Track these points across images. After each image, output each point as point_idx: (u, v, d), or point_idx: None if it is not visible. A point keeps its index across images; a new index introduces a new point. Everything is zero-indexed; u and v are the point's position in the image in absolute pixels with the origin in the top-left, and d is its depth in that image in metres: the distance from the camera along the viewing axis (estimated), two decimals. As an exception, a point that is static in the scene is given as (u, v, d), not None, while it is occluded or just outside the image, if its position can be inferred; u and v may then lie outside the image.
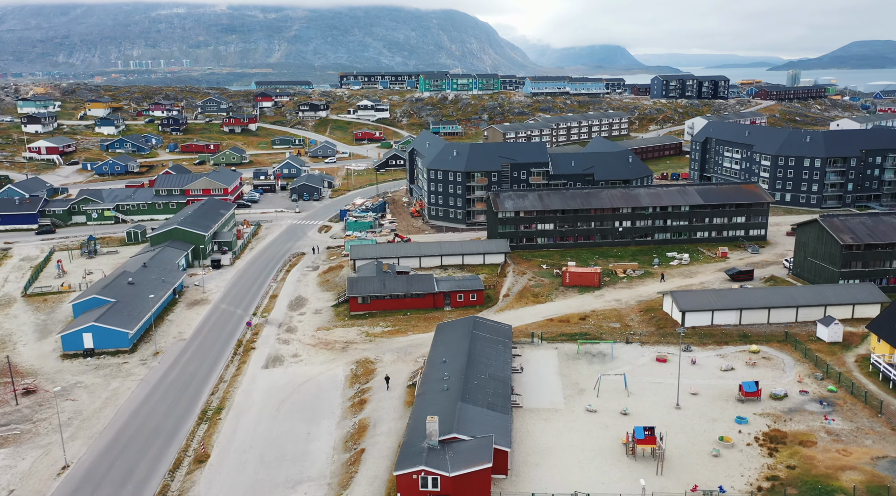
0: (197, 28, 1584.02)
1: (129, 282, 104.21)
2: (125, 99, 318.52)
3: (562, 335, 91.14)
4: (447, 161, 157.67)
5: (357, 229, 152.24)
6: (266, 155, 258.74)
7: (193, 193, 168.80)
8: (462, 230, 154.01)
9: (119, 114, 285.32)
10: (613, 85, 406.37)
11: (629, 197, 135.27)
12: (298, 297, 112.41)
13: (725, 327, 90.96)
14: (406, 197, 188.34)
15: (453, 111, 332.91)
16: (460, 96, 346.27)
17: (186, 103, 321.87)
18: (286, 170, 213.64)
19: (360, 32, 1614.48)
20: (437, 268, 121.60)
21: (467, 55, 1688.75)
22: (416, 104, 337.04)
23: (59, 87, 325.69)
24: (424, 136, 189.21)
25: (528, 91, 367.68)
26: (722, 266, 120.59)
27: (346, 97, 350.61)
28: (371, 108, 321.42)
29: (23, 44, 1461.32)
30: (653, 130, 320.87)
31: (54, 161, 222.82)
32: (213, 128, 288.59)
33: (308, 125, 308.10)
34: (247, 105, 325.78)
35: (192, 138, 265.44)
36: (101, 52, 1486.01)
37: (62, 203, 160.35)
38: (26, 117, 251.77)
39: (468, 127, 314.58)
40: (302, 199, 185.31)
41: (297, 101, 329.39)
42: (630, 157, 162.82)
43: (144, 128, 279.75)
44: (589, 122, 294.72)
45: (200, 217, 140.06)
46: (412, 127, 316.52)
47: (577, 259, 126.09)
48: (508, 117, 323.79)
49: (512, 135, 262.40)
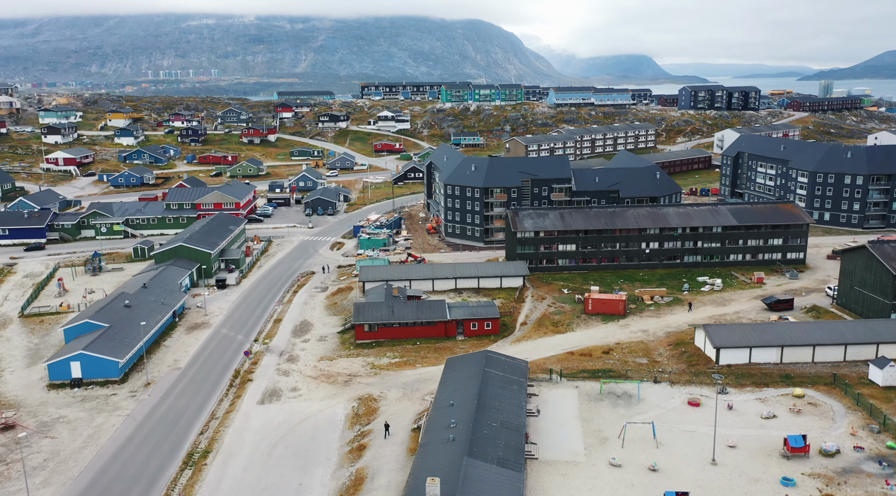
0: (225, 38, 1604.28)
1: (126, 305, 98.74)
2: (146, 109, 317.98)
3: (583, 371, 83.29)
4: (465, 176, 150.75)
5: (370, 247, 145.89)
6: (284, 166, 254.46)
7: (205, 207, 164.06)
8: (480, 249, 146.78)
9: (139, 124, 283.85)
10: (640, 96, 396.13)
11: (657, 216, 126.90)
12: (303, 322, 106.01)
13: (765, 366, 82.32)
14: (423, 212, 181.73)
15: (475, 122, 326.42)
16: (482, 107, 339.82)
17: (207, 114, 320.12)
18: (302, 182, 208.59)
19: (385, 42, 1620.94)
20: (451, 292, 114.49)
21: (492, 65, 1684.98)
22: (437, 115, 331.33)
23: (81, 97, 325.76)
24: (443, 150, 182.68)
25: (551, 102, 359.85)
26: (758, 293, 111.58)
27: (366, 108, 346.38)
28: (391, 119, 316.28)
29: (58, 54, 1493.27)
30: (680, 143, 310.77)
31: (71, 172, 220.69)
32: (233, 138, 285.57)
33: (327, 136, 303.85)
34: (267, 116, 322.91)
35: (211, 149, 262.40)
36: (133, 63, 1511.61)
37: (71, 217, 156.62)
38: (46, 128, 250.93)
39: (490, 138, 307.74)
40: (316, 214, 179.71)
41: (317, 112, 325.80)
42: (657, 172, 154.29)
43: (164, 138, 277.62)
44: (614, 135, 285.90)
45: (208, 233, 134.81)
46: (433, 138, 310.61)
47: (600, 283, 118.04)
48: (531, 129, 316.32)
49: (534, 147, 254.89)
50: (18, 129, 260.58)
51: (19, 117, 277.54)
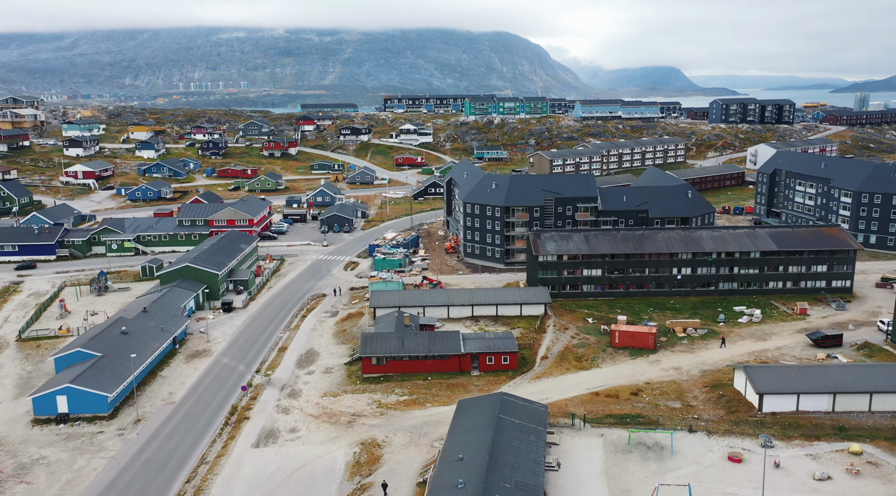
0: (255, 51, 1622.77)
1: (123, 332, 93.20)
2: (169, 122, 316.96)
3: (609, 417, 75.23)
4: (485, 194, 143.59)
5: (385, 268, 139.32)
6: (303, 180, 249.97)
7: (218, 224, 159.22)
8: (500, 271, 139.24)
9: (160, 137, 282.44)
10: (669, 109, 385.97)
11: (689, 240, 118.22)
12: (309, 351, 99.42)
13: (815, 415, 73.39)
14: (442, 230, 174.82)
15: (499, 136, 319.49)
16: (506, 120, 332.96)
17: (229, 126, 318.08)
18: (319, 198, 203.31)
19: (412, 55, 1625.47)
20: (467, 320, 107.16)
21: (518, 77, 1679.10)
22: (460, 128, 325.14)
23: (105, 110, 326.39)
24: (462, 165, 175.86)
25: (577, 115, 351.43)
26: (801, 326, 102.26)
27: (389, 121, 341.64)
28: (414, 132, 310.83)
29: (93, 67, 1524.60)
30: (711, 157, 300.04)
31: (90, 186, 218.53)
32: (253, 152, 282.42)
33: (349, 149, 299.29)
34: (289, 128, 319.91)
35: (231, 162, 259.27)
36: (165, 75, 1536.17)
37: (82, 233, 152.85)
38: (68, 141, 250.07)
39: (513, 152, 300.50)
40: (332, 231, 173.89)
41: (338, 125, 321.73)
42: (689, 191, 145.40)
43: (185, 151, 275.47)
44: (642, 149, 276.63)
45: (216, 253, 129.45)
46: (455, 152, 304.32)
47: (628, 311, 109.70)
48: (556, 143, 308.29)
49: (559, 162, 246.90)
50: (41, 141, 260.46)
51: (43, 130, 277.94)
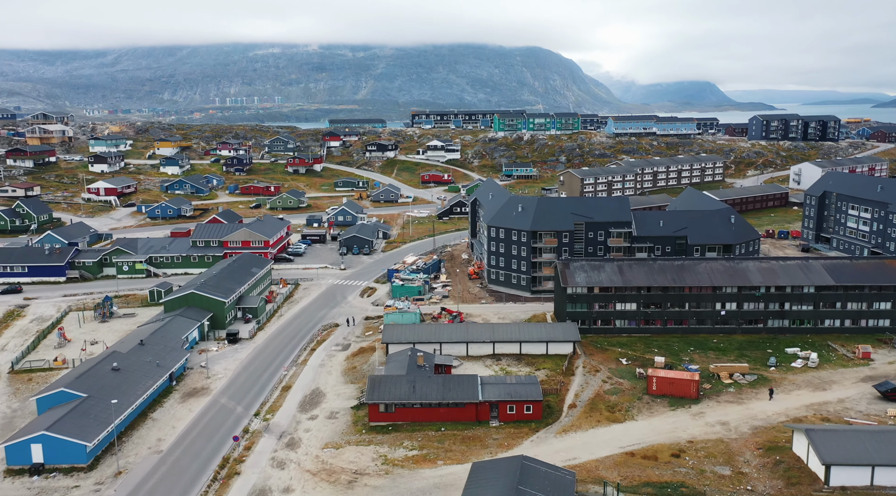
0: (290, 66, 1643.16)
1: (114, 369, 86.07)
2: (195, 138, 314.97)
3: (647, 485, 65.03)
4: (511, 217, 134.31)
5: (403, 295, 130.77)
6: (326, 198, 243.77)
7: (232, 245, 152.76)
8: (526, 299, 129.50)
9: (185, 153, 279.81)
10: (706, 125, 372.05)
11: (734, 272, 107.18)
12: (315, 391, 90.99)
13: (894, 492, 62.03)
14: (466, 252, 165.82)
15: (528, 152, 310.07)
16: (536, 136, 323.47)
17: (255, 142, 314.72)
18: (341, 217, 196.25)
19: (444, 70, 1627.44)
20: (488, 358, 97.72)
21: (550, 92, 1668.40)
22: (488, 144, 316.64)
23: (133, 125, 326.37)
24: (488, 185, 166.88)
25: (610, 131, 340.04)
26: (866, 374, 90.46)
27: (416, 137, 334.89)
28: (441, 149, 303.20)
29: (133, 83, 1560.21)
30: (752, 176, 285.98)
31: (111, 203, 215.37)
32: (278, 168, 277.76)
33: (375, 166, 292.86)
34: (315, 144, 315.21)
35: (254, 179, 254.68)
36: (202, 90, 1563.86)
37: (93, 254, 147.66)
38: (93, 157, 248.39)
39: (543, 170, 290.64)
40: (351, 253, 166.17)
41: (365, 141, 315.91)
42: (732, 216, 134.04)
43: (209, 168, 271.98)
44: (678, 167, 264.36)
45: (225, 278, 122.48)
46: (483, 169, 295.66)
47: (666, 350, 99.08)
48: (588, 160, 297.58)
49: (591, 180, 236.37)
50: (68, 157, 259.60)
51: (71, 145, 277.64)
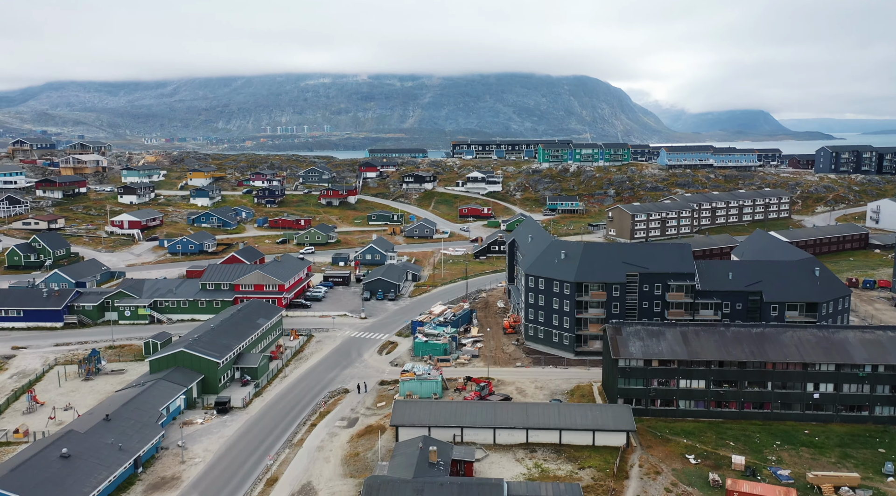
0: (339, 96, 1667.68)
1: (63, 456, 70.86)
2: (230, 168, 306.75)
3: None
4: (552, 265, 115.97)
5: (427, 353, 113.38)
6: (358, 232, 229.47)
7: (244, 289, 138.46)
8: (568, 363, 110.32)
9: (216, 184, 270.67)
10: (767, 156, 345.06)
11: (830, 345, 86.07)
12: (305, 488, 73.83)
13: None
14: (502, 300, 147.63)
15: (574, 185, 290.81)
16: (583, 168, 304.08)
17: (289, 173, 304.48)
18: (368, 255, 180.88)
19: (491, 99, 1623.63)
20: (520, 448, 78.96)
21: (598, 120, 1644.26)
22: (532, 176, 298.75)
23: (169, 155, 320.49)
24: (527, 226, 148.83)
25: (662, 163, 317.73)
26: None
27: (456, 167, 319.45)
28: (481, 180, 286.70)
29: (190, 112, 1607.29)
30: (821, 213, 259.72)
31: (134, 236, 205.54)
32: (311, 200, 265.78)
33: (411, 198, 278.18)
34: (351, 175, 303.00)
35: (284, 212, 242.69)
36: (255, 119, 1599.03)
37: (94, 297, 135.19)
38: (123, 188, 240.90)
39: (590, 204, 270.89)
40: (375, 298, 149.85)
41: (402, 172, 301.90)
42: (816, 268, 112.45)
43: (241, 199, 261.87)
44: (740, 203, 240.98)
45: (225, 332, 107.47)
46: (526, 202, 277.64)
47: (744, 443, 78.63)
48: (639, 194, 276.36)
49: (642, 217, 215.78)
50: (98, 188, 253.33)
51: (104, 176, 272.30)
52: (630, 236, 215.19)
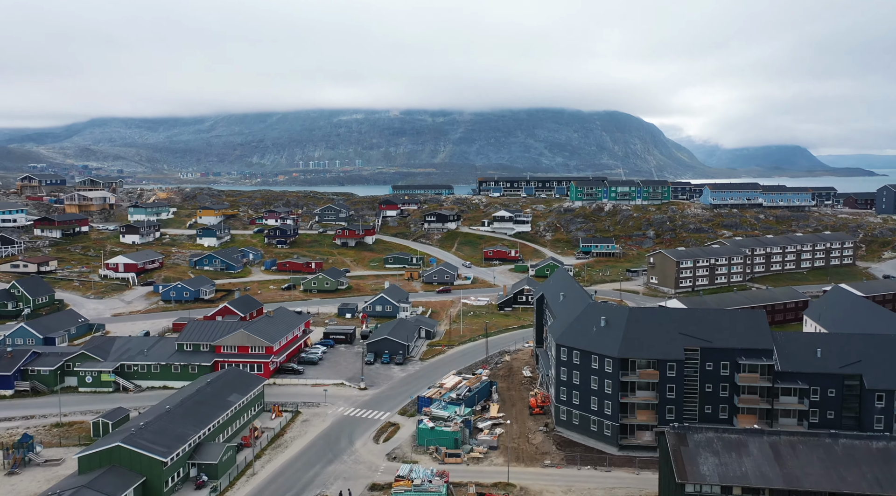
0: (371, 131, 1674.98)
1: None
2: (245, 205, 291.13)
3: None
4: (589, 335, 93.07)
5: (432, 442, 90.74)
6: (372, 277, 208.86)
7: (226, 352, 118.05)
8: (611, 461, 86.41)
9: (227, 223, 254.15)
10: (820, 195, 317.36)
11: None
12: None
13: None
14: (529, 366, 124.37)
15: (610, 225, 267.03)
16: (619, 207, 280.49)
17: (305, 210, 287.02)
18: (378, 306, 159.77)
19: (522, 134, 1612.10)
20: None
21: (630, 156, 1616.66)
22: (564, 216, 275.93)
23: (181, 192, 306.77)
24: (558, 279, 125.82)
25: (706, 202, 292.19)
26: None
27: (482, 205, 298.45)
28: (509, 220, 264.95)
29: (226, 147, 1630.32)
30: (889, 259, 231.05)
31: (128, 281, 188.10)
32: (326, 240, 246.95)
33: (433, 239, 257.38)
34: (370, 213, 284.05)
35: (294, 254, 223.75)
36: (288, 154, 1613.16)
37: (53, 359, 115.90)
38: (125, 227, 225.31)
39: (628, 246, 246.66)
40: (380, 361, 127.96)
41: (424, 211, 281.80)
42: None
43: (251, 239, 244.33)
44: (797, 247, 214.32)
45: (183, 416, 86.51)
46: (557, 244, 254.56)
47: None
48: (681, 235, 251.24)
49: (688, 263, 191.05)
50: (102, 227, 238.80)
51: (111, 213, 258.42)
52: (675, 285, 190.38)
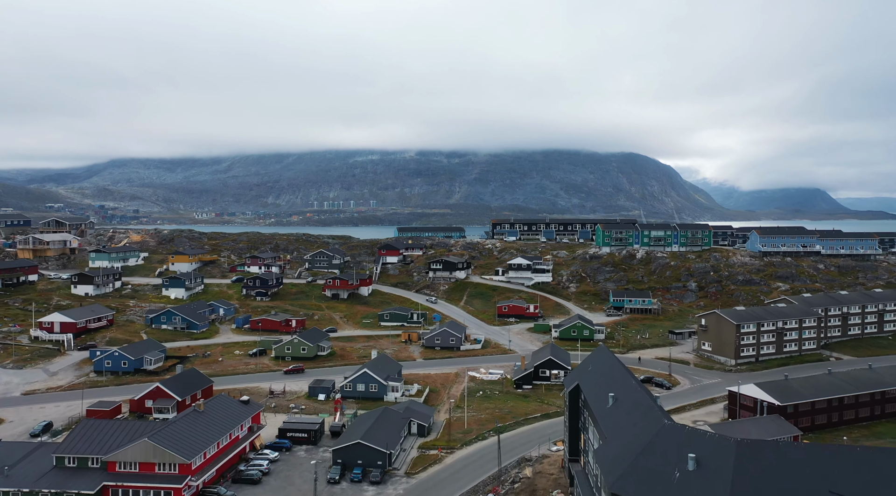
0: (387, 172, 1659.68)
1: None
2: (228, 248, 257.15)
3: None
4: (669, 483, 55.14)
5: None
6: (363, 338, 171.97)
7: (122, 471, 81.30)
8: None
9: (201, 271, 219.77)
10: (884, 241, 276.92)
11: None
12: None
13: None
14: (561, 491, 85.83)
15: (643, 275, 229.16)
16: (653, 254, 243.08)
17: (295, 256, 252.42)
18: (360, 385, 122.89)
19: (537, 175, 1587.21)
20: None
21: (647, 197, 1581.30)
22: (590, 263, 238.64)
23: (158, 234, 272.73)
24: (600, 362, 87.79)
25: (754, 248, 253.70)
26: None
27: (496, 251, 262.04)
28: (527, 268, 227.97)
29: (242, 187, 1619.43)
30: None
31: (63, 344, 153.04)
32: (314, 291, 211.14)
33: (439, 290, 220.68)
34: (368, 259, 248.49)
35: (273, 309, 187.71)
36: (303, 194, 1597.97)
37: None
38: (77, 276, 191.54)
39: (666, 300, 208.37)
40: (348, 480, 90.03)
41: (429, 257, 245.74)
42: None
43: (227, 290, 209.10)
44: (878, 307, 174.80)
45: None
46: (583, 297, 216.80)
47: None
48: (728, 288, 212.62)
49: (751, 327, 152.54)
50: (54, 275, 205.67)
51: (70, 259, 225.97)
52: (735, 354, 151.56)
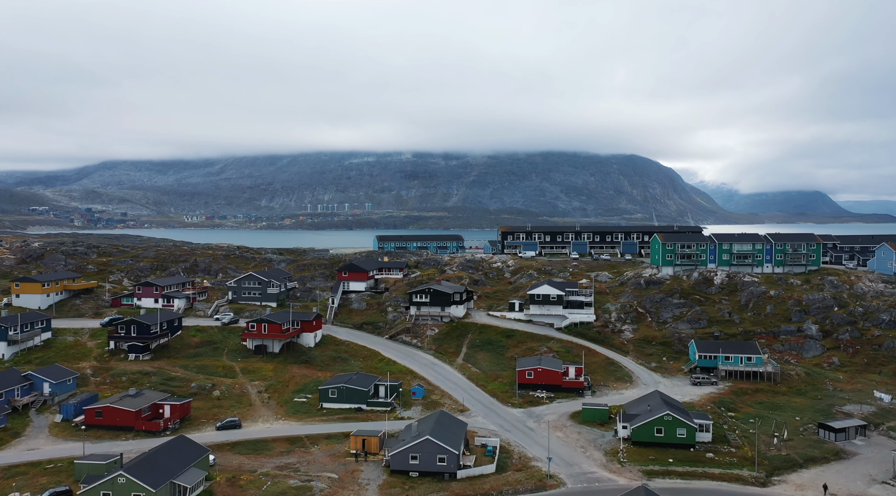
0: (383, 174, 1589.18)
1: None
2: (124, 269, 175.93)
3: None
4: None
5: None
6: (282, 444, 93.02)
7: None
8: None
9: (61, 306, 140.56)
10: None
11: None
12: None
13: None
14: None
15: (729, 309, 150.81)
16: (738, 277, 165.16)
17: (218, 281, 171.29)
18: None
19: (537, 177, 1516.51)
20: None
21: (650, 200, 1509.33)
22: (647, 292, 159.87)
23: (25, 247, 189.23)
24: None
25: (885, 270, 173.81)
26: None
27: (507, 271, 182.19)
28: (557, 301, 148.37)
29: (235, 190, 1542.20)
30: None
31: None
32: (230, 341, 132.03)
33: (424, 336, 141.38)
34: (325, 286, 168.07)
35: (148, 379, 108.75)
36: (298, 197, 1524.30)
37: None
38: None
39: (776, 352, 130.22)
40: None
41: (411, 283, 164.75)
42: None
43: (87, 342, 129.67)
44: None
45: None
46: (647, 348, 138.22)
47: None
48: (867, 332, 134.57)
49: None
50: None
51: None
52: None
